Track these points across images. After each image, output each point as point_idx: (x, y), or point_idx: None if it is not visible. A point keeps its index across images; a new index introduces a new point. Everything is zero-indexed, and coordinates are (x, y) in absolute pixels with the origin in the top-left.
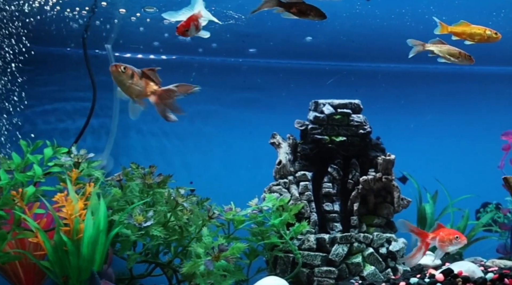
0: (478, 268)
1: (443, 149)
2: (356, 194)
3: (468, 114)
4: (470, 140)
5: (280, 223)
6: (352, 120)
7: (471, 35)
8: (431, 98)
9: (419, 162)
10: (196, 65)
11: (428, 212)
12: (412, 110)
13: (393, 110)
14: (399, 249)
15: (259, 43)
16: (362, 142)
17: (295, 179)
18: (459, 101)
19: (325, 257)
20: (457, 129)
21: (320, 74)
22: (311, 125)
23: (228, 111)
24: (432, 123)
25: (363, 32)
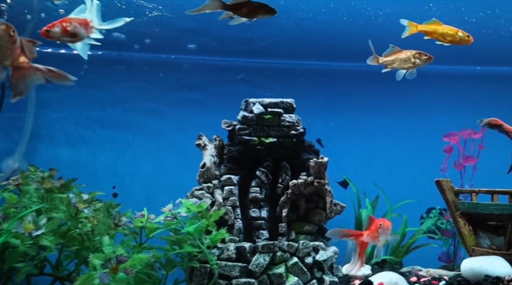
0: (402, 279)
1: (387, 152)
2: (285, 199)
3: (413, 115)
4: (414, 142)
5: (195, 230)
6: (284, 120)
7: (442, 35)
8: (375, 99)
9: (362, 165)
10: (136, 62)
11: (364, 217)
12: (357, 111)
13: (336, 111)
14: (326, 258)
15: (197, 40)
16: (294, 144)
17: (220, 183)
18: (405, 102)
19: (244, 267)
20: (402, 131)
21: (261, 72)
22: (239, 125)
23: (166, 110)
24: (376, 125)
25: (310, 28)
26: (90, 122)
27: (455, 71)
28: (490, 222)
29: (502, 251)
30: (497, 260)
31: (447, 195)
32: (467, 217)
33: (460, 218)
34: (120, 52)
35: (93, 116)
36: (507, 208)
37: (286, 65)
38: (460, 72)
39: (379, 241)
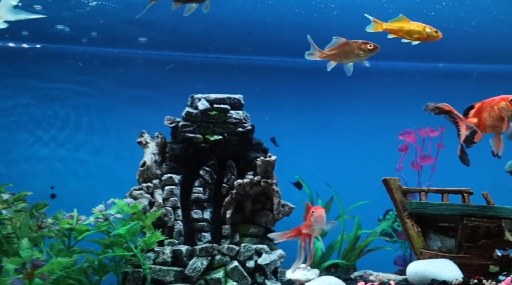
0: (342, 283)
1: (344, 151)
2: (229, 199)
3: (372, 113)
4: (372, 141)
5: (127, 232)
6: (231, 117)
7: (409, 32)
8: (331, 96)
9: (319, 165)
10: (87, 56)
11: None
12: (312, 109)
13: (291, 109)
14: (269, 262)
15: (146, 33)
16: (241, 141)
17: (161, 183)
18: (362, 99)
19: (180, 272)
20: (359, 129)
21: (214, 68)
22: (182, 122)
23: (112, 106)
24: (333, 124)
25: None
26: (30, 118)
27: (415, 68)
28: (442, 223)
29: (452, 253)
30: (445, 263)
31: (394, 194)
32: (415, 218)
33: (408, 219)
34: (62, 45)
35: (33, 112)
36: (457, 208)
37: (240, 61)
38: (421, 69)
39: (316, 229)
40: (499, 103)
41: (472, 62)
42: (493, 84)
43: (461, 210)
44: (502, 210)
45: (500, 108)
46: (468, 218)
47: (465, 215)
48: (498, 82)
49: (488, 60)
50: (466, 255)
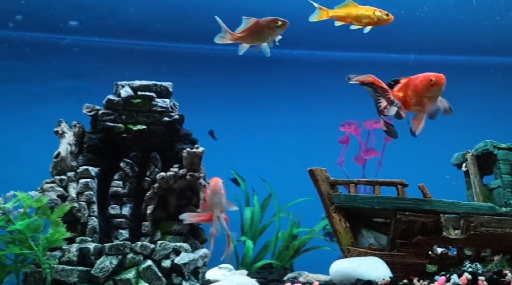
0: (254, 283)
1: (285, 145)
2: (151, 194)
3: (314, 105)
4: (316, 136)
5: (26, 228)
6: (156, 105)
7: (357, 18)
8: (273, 88)
9: (259, 160)
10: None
11: (247, 217)
12: (254, 102)
13: (233, 102)
14: (188, 261)
15: (78, 17)
16: (167, 132)
17: (76, 176)
18: (306, 93)
19: (86, 272)
20: (302, 122)
21: (149, 56)
22: (103, 110)
23: (39, 93)
24: (277, 118)
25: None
26: None
27: (365, 58)
28: (378, 219)
29: (384, 251)
30: (371, 261)
31: (320, 186)
32: (344, 212)
33: (335, 213)
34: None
35: None
36: (390, 201)
37: (178, 49)
38: (371, 59)
39: (214, 205)
40: (421, 82)
41: (427, 53)
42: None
43: (394, 203)
44: (440, 203)
45: (421, 88)
46: (402, 212)
47: (398, 209)
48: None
49: (442, 51)
50: (400, 253)
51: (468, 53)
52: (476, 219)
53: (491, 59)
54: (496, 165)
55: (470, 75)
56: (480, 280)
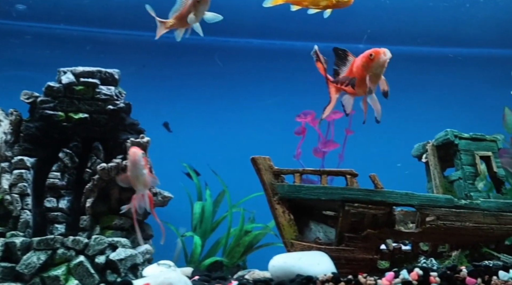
0: (183, 280)
1: (243, 138)
2: (91, 186)
3: (276, 96)
4: (272, 129)
5: None
6: (100, 93)
7: (314, 1)
8: (234, 79)
9: (216, 154)
10: None
11: (196, 211)
12: (216, 94)
13: (191, 94)
14: (124, 257)
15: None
16: (111, 121)
17: (11, 166)
18: (263, 80)
19: (11, 268)
20: (260, 114)
21: (105, 44)
22: (42, 97)
23: None
24: (235, 110)
25: None
26: None
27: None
28: (329, 212)
29: (331, 245)
30: (312, 256)
31: (263, 176)
32: (288, 204)
33: (278, 205)
34: None
35: None
36: (338, 192)
37: (137, 38)
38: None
39: (133, 177)
40: (362, 59)
41: (387, 43)
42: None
43: (342, 194)
44: (392, 195)
45: (362, 65)
46: (350, 204)
47: (346, 200)
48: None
49: (404, 42)
50: (348, 247)
51: (429, 45)
52: (432, 212)
53: (452, 50)
54: (457, 155)
55: (435, 65)
56: (432, 276)
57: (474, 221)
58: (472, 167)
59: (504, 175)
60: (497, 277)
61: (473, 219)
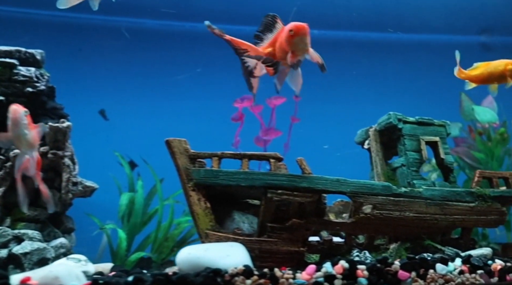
0: (71, 273)
1: (182, 128)
2: (3, 174)
3: (209, 80)
4: (214, 119)
5: None
6: (18, 74)
7: None
8: (176, 66)
9: (155, 143)
10: None
11: (123, 203)
12: (156, 81)
13: (132, 81)
14: (30, 251)
15: None
16: (30, 104)
17: None
18: (198, 64)
19: None
20: (202, 107)
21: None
22: None
23: None
24: (174, 100)
25: None
26: None
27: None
28: (257, 201)
29: (252, 237)
30: (221, 248)
31: (177, 160)
32: (205, 191)
33: (193, 192)
34: None
35: None
36: (259, 177)
37: (74, 20)
38: None
39: (15, 137)
40: (283, 35)
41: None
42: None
43: (264, 180)
44: (321, 181)
45: (284, 41)
46: (274, 191)
47: (269, 186)
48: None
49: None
50: (271, 239)
51: (372, 30)
52: (367, 200)
53: (394, 35)
54: (401, 140)
55: (383, 51)
56: (359, 269)
57: (416, 211)
58: (416, 153)
59: (452, 162)
60: (434, 270)
61: (414, 208)
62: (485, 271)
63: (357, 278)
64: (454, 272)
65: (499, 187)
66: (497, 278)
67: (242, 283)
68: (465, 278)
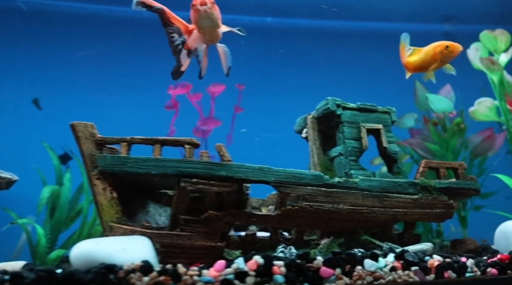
0: None
1: (124, 122)
2: None
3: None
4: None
5: None
6: None
7: None
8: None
9: None
10: None
11: (44, 196)
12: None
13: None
14: None
15: None
16: None
17: None
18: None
19: None
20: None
21: None
22: None
23: None
24: (115, 91)
25: None
26: None
27: None
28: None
29: (162, 230)
30: (116, 241)
31: (82, 145)
32: (112, 179)
33: (98, 180)
34: None
35: None
36: (172, 164)
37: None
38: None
39: None
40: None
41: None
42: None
43: (177, 167)
44: (242, 169)
45: (194, 19)
46: (188, 180)
47: (183, 174)
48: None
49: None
50: (184, 233)
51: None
52: (294, 191)
53: (345, 23)
54: (340, 128)
55: (341, 40)
56: (276, 265)
57: (351, 203)
58: (356, 141)
59: (396, 151)
60: (362, 267)
61: (349, 200)
62: (420, 267)
63: (272, 275)
64: (384, 268)
65: (447, 178)
66: (434, 275)
67: (139, 280)
68: (397, 276)
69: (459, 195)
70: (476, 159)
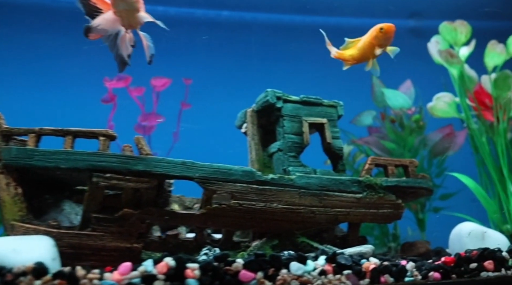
0: None
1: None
2: None
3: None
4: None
5: None
6: None
7: None
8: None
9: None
10: None
11: None
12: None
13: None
14: None
15: None
16: None
17: None
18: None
19: None
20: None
21: None
22: None
23: None
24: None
25: None
26: None
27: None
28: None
29: (73, 230)
30: (6, 241)
31: None
32: (17, 174)
33: (1, 175)
34: None
35: None
36: (83, 158)
37: None
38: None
39: None
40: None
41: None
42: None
43: (89, 161)
44: (162, 163)
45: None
46: (101, 174)
47: (95, 169)
48: None
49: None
50: (96, 233)
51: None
52: (222, 188)
53: (317, 18)
54: (280, 122)
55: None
56: (190, 268)
57: (286, 202)
58: (296, 136)
59: (341, 147)
60: (288, 270)
61: (284, 199)
62: (353, 271)
63: (185, 279)
64: (313, 272)
65: (395, 176)
66: (368, 280)
67: (29, 284)
68: (326, 280)
69: (409, 195)
70: (436, 158)
